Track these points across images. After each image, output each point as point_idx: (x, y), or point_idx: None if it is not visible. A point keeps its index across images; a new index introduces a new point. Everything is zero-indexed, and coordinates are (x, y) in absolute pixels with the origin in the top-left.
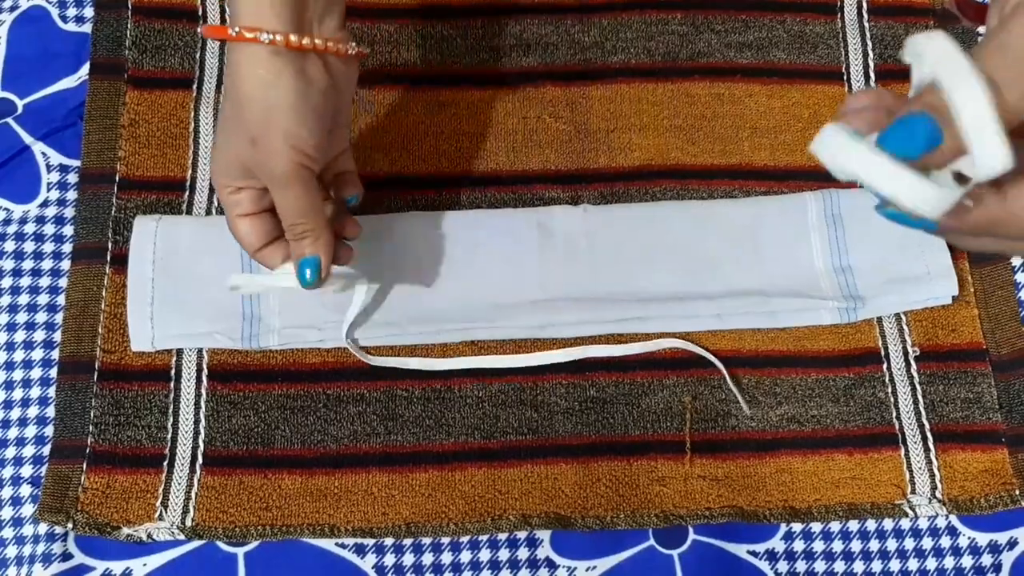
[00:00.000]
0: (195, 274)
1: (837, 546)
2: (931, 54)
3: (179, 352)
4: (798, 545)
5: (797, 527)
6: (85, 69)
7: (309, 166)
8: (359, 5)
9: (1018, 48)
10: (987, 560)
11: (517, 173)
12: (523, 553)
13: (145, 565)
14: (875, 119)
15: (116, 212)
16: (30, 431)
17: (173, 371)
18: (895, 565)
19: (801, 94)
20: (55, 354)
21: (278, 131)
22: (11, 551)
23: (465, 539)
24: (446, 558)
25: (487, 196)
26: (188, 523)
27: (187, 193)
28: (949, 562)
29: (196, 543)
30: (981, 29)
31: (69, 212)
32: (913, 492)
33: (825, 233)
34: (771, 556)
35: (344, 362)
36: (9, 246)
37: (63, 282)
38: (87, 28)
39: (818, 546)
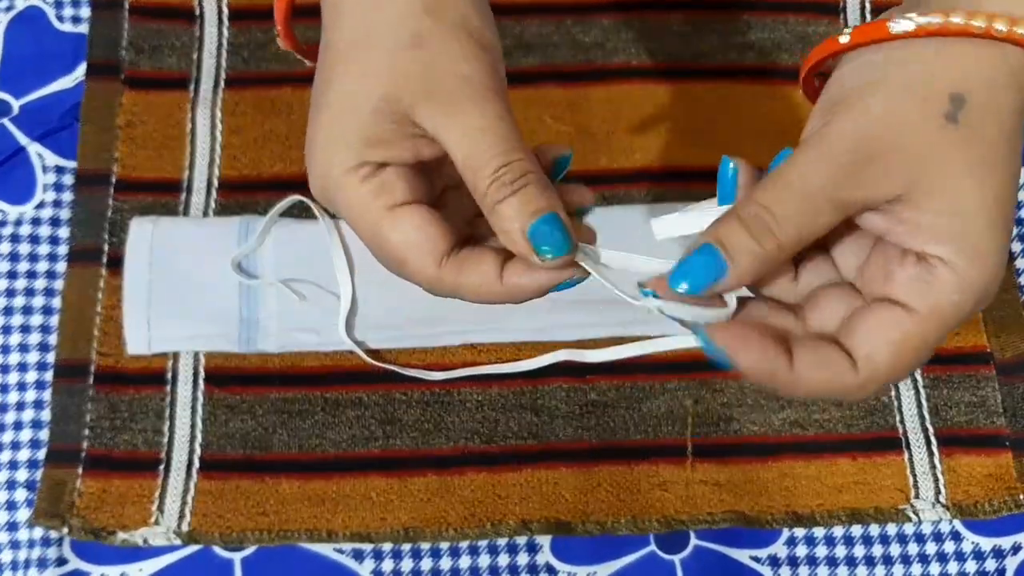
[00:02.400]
0: (192, 277)
1: (840, 551)
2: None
3: (175, 355)
4: (801, 550)
5: (800, 532)
6: (81, 70)
7: (502, 74)
8: None
9: (798, 187)
10: (991, 565)
11: None
12: (523, 559)
13: (141, 570)
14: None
15: (112, 214)
16: (25, 435)
17: (169, 374)
18: (898, 570)
19: (804, 95)
20: (51, 357)
21: (455, 23)
22: (6, 556)
23: (464, 544)
24: (445, 564)
25: None
26: (184, 528)
27: (184, 194)
28: (953, 567)
29: (192, 548)
30: None
31: (65, 214)
32: (917, 496)
33: None
34: (774, 561)
35: (342, 366)
36: (4, 248)
37: (59, 284)
38: (83, 28)
39: (821, 551)
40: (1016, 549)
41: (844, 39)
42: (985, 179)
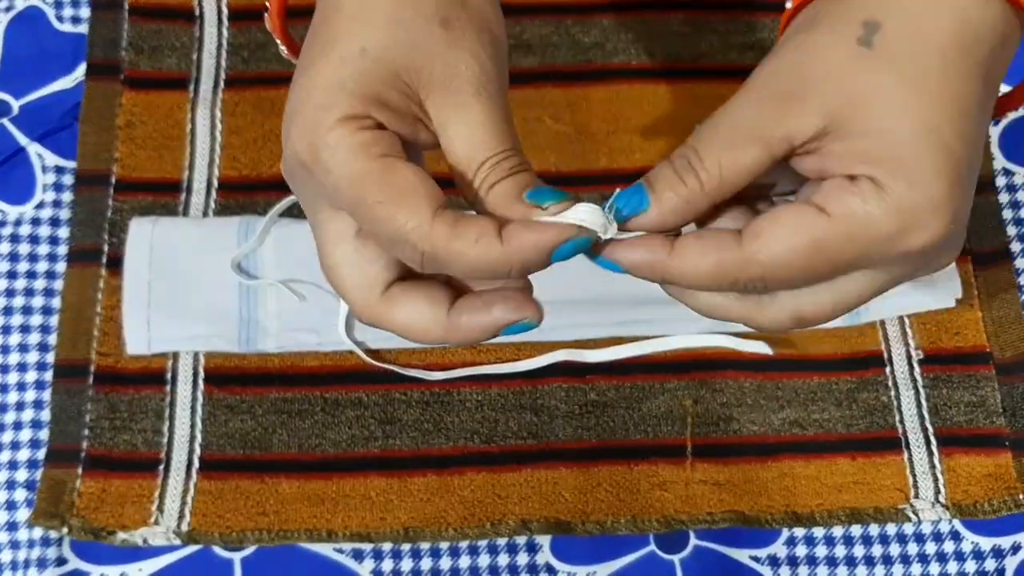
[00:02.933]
0: (192, 277)
1: (840, 551)
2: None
3: (175, 355)
4: (800, 550)
5: (799, 532)
6: (81, 70)
7: (507, 73)
8: None
9: (722, 127)
10: (990, 565)
11: None
12: (522, 558)
13: (140, 570)
14: None
15: (112, 214)
16: (25, 435)
17: (169, 374)
18: (898, 570)
19: None
20: (50, 357)
21: (480, 14)
22: (5, 556)
23: (464, 544)
24: (445, 563)
25: None
26: (184, 528)
27: (184, 195)
28: (952, 567)
29: (192, 548)
30: None
31: (65, 214)
32: (916, 496)
33: None
34: (773, 561)
35: (342, 365)
36: (4, 248)
37: (58, 284)
38: (83, 29)
39: (820, 551)
40: (1016, 549)
41: None
42: (909, 101)
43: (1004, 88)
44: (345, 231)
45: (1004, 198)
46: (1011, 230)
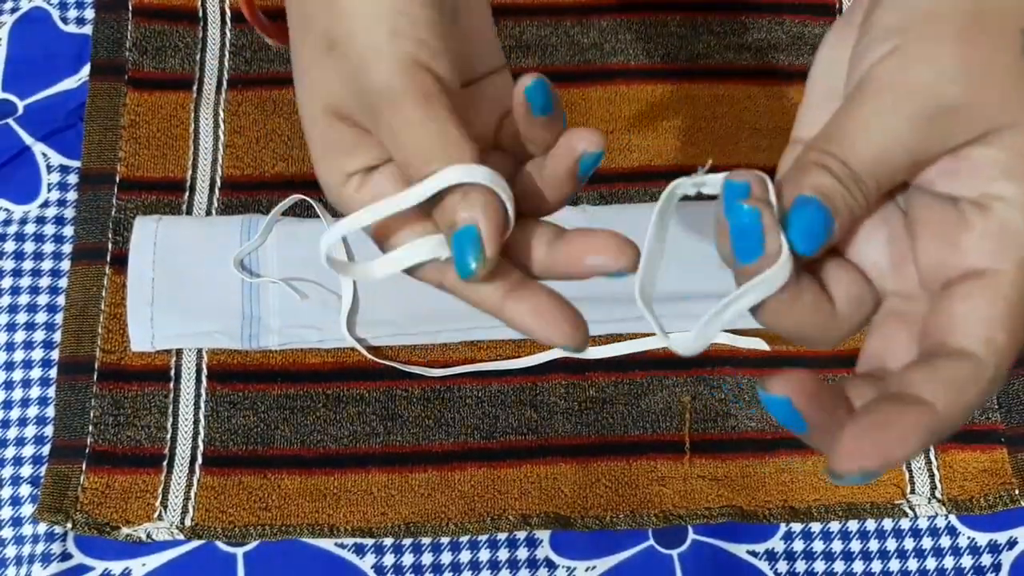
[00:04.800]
0: (195, 274)
1: (837, 546)
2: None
3: (179, 352)
4: (798, 545)
5: (797, 527)
6: (86, 70)
7: (428, 65)
8: None
9: (877, 138)
10: (987, 560)
11: None
12: (522, 553)
13: (144, 565)
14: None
15: (116, 213)
16: (30, 431)
17: (173, 371)
18: (895, 565)
19: (800, 95)
20: (55, 354)
21: (364, 10)
22: (10, 551)
23: (464, 539)
24: (445, 558)
25: None
26: (187, 523)
27: (187, 194)
28: (949, 562)
29: (195, 543)
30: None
31: (69, 213)
32: (912, 492)
33: None
34: (771, 556)
35: (344, 362)
36: (9, 246)
37: (63, 282)
38: (88, 29)
39: (818, 546)
40: (1012, 544)
41: None
42: None
43: None
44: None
45: None
46: None
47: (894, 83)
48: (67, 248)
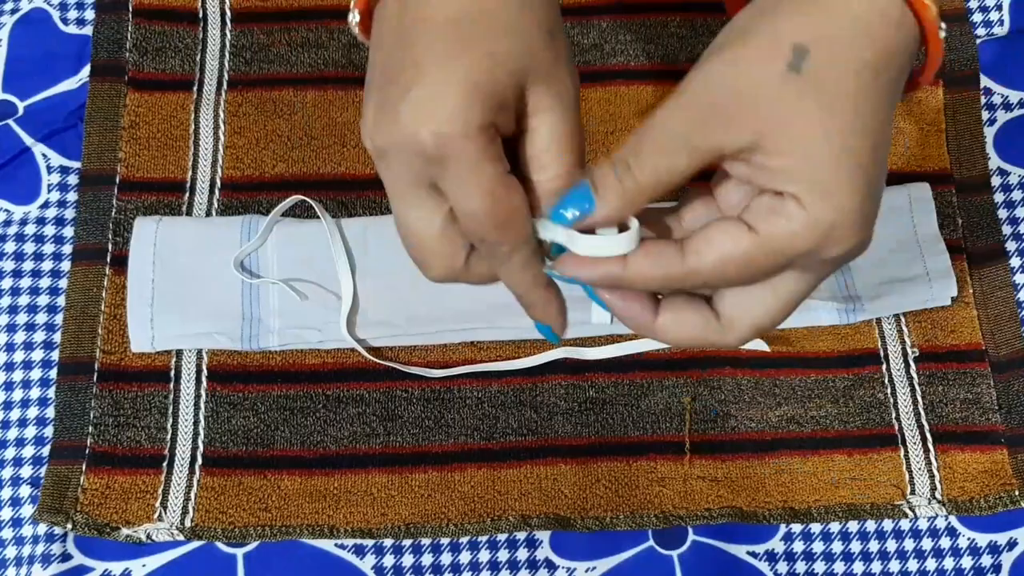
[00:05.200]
0: (195, 275)
1: (837, 547)
2: None
3: (179, 353)
4: (798, 546)
5: (797, 528)
6: (86, 71)
7: (495, 119)
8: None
9: (656, 133)
10: (987, 561)
11: None
12: (522, 554)
13: (144, 566)
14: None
15: (116, 213)
16: (30, 432)
17: (173, 372)
18: (895, 566)
19: None
20: (55, 355)
21: (543, 13)
22: (10, 552)
23: (464, 540)
24: (445, 559)
25: None
26: (187, 524)
27: (187, 195)
28: (949, 563)
29: (195, 544)
30: None
31: (69, 213)
32: (913, 493)
33: None
34: (771, 557)
35: (344, 363)
36: (9, 247)
37: (63, 283)
38: (88, 30)
39: (818, 547)
40: (1012, 545)
41: None
42: (831, 126)
43: None
44: (438, 208)
45: (999, 197)
46: (1006, 229)
47: (680, 91)
48: (67, 249)
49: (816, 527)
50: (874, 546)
